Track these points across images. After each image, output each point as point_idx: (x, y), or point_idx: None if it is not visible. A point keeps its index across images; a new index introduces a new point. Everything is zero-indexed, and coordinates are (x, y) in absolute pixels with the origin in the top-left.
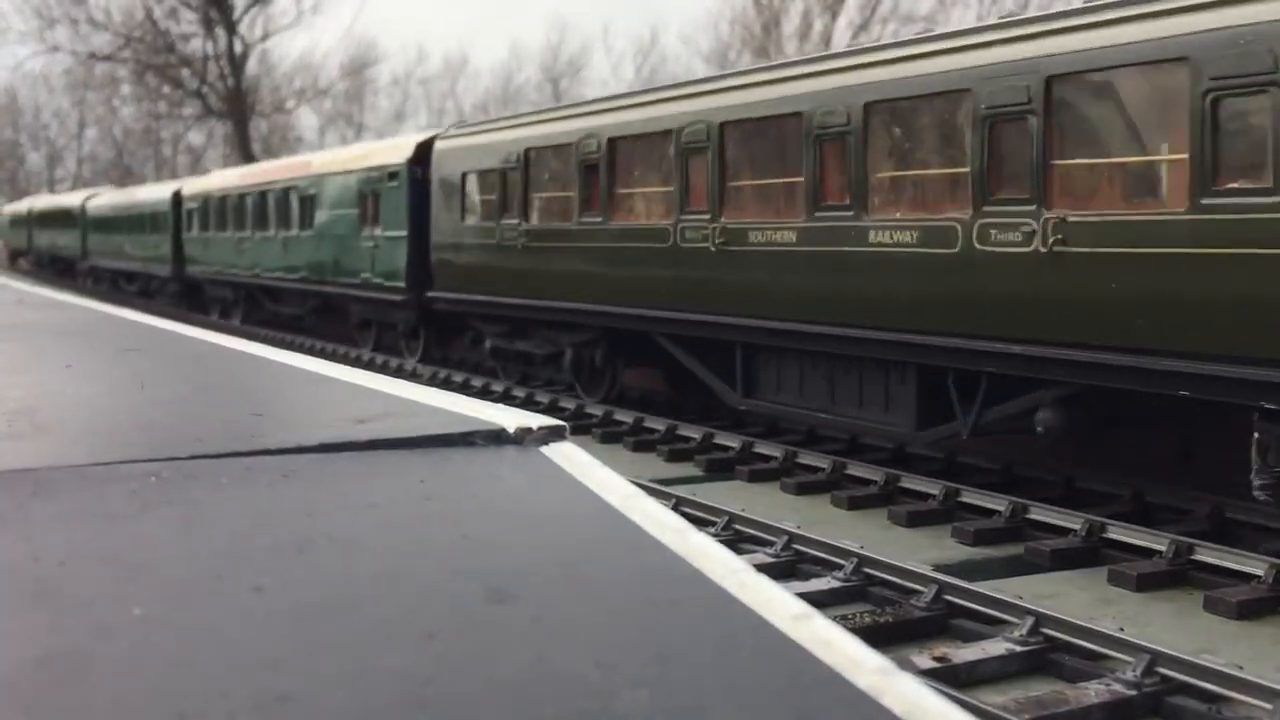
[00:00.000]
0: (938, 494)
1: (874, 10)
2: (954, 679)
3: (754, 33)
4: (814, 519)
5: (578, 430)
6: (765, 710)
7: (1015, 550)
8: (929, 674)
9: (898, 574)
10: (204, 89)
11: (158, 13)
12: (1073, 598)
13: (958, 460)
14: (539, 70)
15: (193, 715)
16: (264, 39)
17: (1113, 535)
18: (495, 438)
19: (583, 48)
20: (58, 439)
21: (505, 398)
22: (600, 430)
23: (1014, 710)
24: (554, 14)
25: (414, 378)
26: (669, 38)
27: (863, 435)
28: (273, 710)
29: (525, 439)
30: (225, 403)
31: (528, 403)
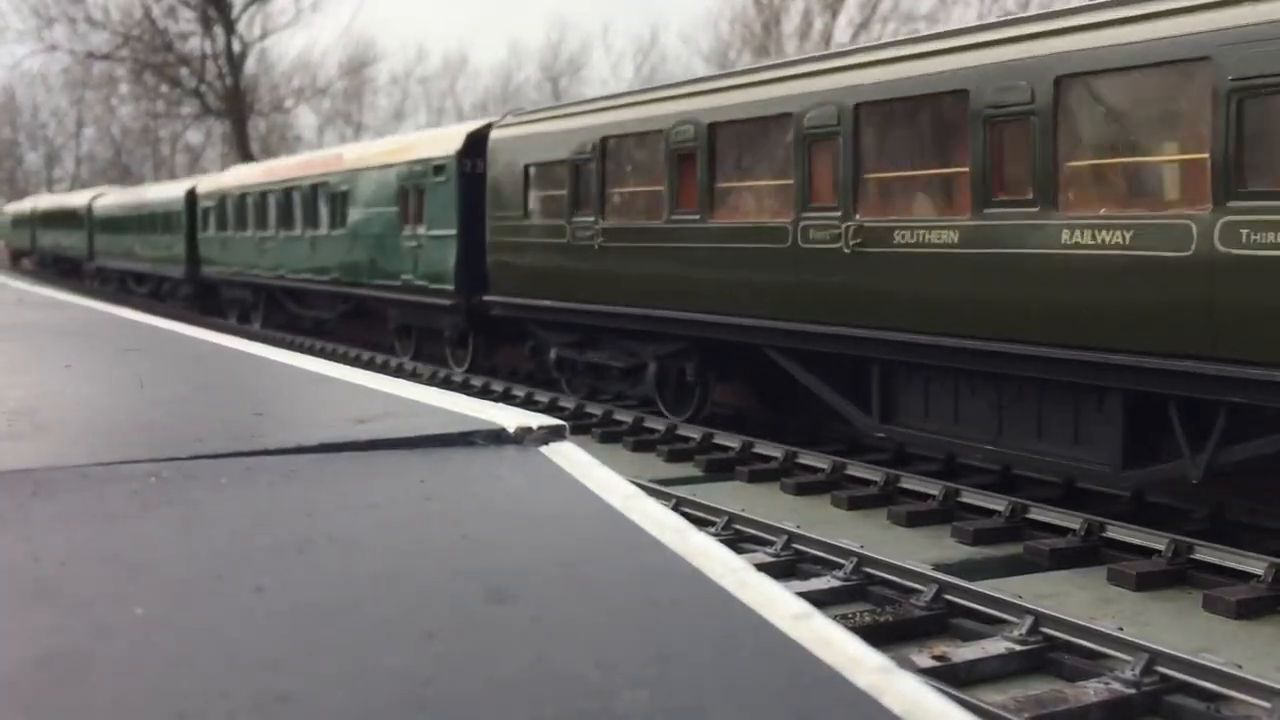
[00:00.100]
0: (937, 494)
1: (874, 9)
2: (954, 678)
3: (754, 32)
4: (814, 519)
5: (578, 430)
6: (765, 710)
7: (1015, 550)
8: (929, 673)
9: (897, 573)
10: (202, 88)
11: (156, 11)
12: (1072, 597)
13: (958, 460)
14: (539, 69)
15: (193, 715)
16: (262, 38)
17: (1112, 535)
18: (495, 438)
19: (583, 47)
20: (58, 439)
21: (505, 398)
22: (600, 430)
23: (1014, 710)
24: (554, 13)
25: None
26: (669, 37)
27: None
28: (273, 710)
29: (525, 439)
30: (225, 403)
31: (528, 403)
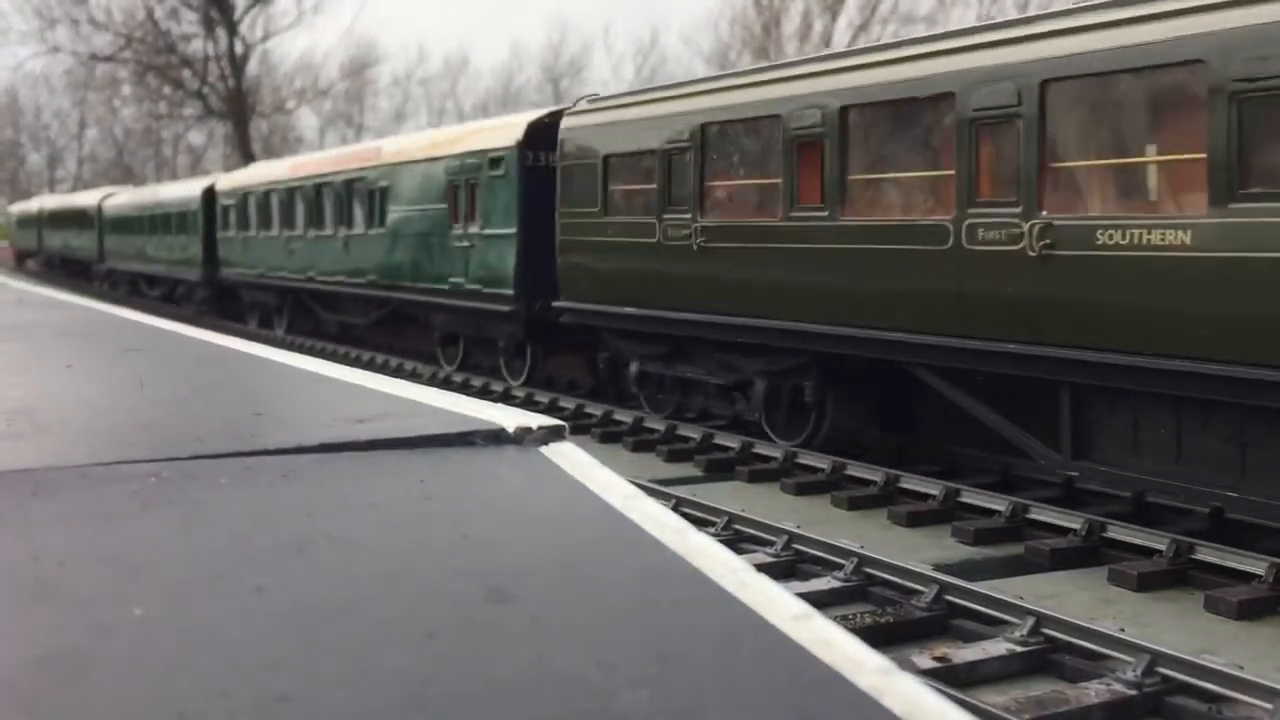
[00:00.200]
0: (938, 494)
1: (874, 11)
2: (954, 679)
3: (754, 33)
4: (814, 519)
5: (578, 430)
6: (765, 710)
7: (1015, 550)
8: (929, 674)
9: (898, 574)
10: (204, 89)
11: (158, 13)
12: (1073, 597)
13: (958, 460)
14: (539, 70)
15: (193, 715)
16: (264, 39)
17: (1113, 535)
18: (495, 438)
19: (583, 48)
20: (58, 439)
21: (505, 398)
22: (600, 430)
23: (1014, 710)
24: (554, 14)
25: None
26: (669, 38)
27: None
28: (273, 710)
29: (525, 439)
30: (225, 403)
31: (528, 403)
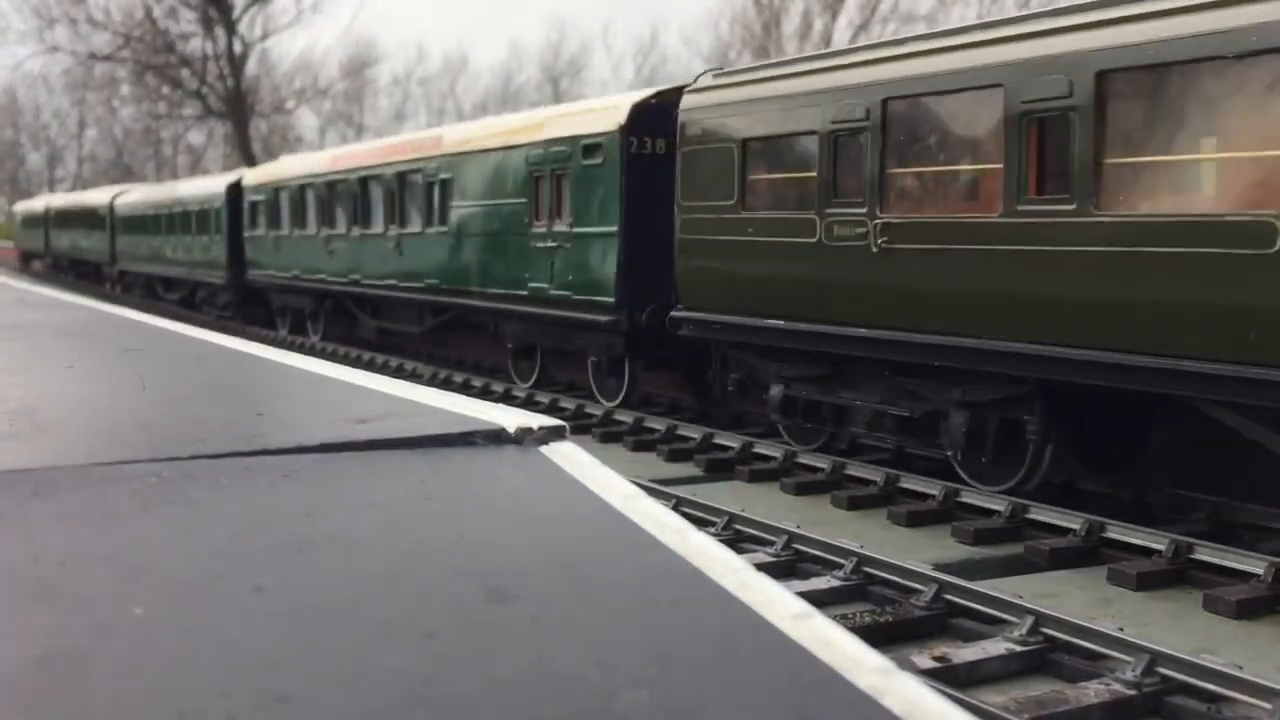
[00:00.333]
0: (937, 494)
1: (874, 10)
2: (954, 679)
3: (754, 32)
4: (814, 519)
5: (578, 430)
6: (765, 710)
7: (1015, 550)
8: (929, 674)
9: (898, 573)
10: (204, 89)
11: (157, 12)
12: (1072, 597)
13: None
14: (539, 70)
15: (193, 715)
16: (263, 38)
17: (1112, 535)
18: (495, 438)
19: (583, 47)
20: (58, 439)
21: (505, 398)
22: (600, 430)
23: (1014, 710)
24: (554, 14)
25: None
26: (669, 37)
27: (863, 437)
28: (273, 710)
29: (525, 439)
30: (226, 403)
31: (528, 403)
